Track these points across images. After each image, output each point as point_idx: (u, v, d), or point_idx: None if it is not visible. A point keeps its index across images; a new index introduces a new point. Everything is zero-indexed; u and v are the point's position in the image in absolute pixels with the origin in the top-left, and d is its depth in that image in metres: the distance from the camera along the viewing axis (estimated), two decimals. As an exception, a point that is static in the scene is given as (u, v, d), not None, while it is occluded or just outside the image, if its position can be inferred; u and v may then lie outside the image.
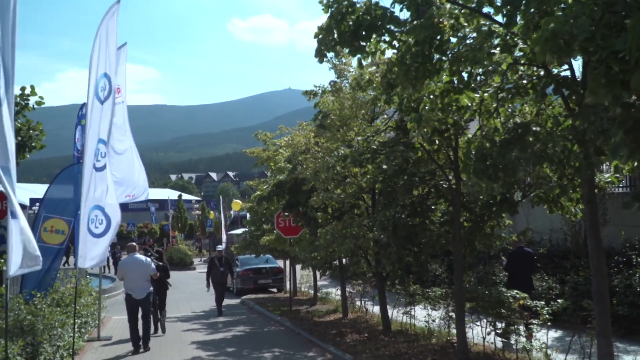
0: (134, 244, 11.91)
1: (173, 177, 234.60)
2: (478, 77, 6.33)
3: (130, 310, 11.16)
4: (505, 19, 5.35)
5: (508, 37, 5.54)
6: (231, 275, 20.03)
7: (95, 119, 9.87)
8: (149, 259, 11.47)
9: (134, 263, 11.23)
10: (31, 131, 10.57)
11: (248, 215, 25.44)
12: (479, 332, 9.48)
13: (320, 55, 6.59)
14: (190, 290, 25.49)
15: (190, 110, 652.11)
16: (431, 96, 6.51)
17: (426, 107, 6.45)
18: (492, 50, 5.53)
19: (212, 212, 53.37)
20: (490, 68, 5.82)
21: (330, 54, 12.16)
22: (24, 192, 31.61)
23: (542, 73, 5.84)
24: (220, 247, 19.64)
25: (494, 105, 6.29)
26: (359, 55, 6.58)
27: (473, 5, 5.85)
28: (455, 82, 6.29)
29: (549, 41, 3.43)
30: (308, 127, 16.13)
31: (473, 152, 5.99)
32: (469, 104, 6.51)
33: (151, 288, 11.41)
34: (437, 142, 8.04)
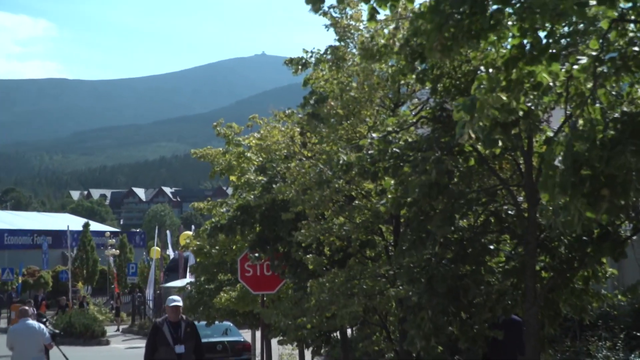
0: (26, 307, 13.62)
1: (75, 194, 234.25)
2: (562, 40, 6.37)
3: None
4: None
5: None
6: (200, 357, 14.18)
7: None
8: (42, 326, 13.10)
9: (25, 331, 12.83)
10: None
11: (193, 257, 25.39)
12: None
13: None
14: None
15: (104, 87, 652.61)
16: (490, 69, 6.53)
17: (482, 87, 6.47)
18: (586, -1, 5.58)
19: (152, 249, 52.88)
20: (581, 27, 5.85)
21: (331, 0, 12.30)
22: None
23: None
24: (175, 301, 14.34)
25: (589, 85, 6.32)
26: (372, 1, 6.62)
27: None
28: (527, 45, 6.34)
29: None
30: (292, 117, 16.19)
31: (558, 159, 5.98)
32: (551, 82, 6.54)
33: None
34: (499, 142, 8.08)
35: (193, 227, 53.70)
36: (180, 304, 13.81)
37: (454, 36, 5.99)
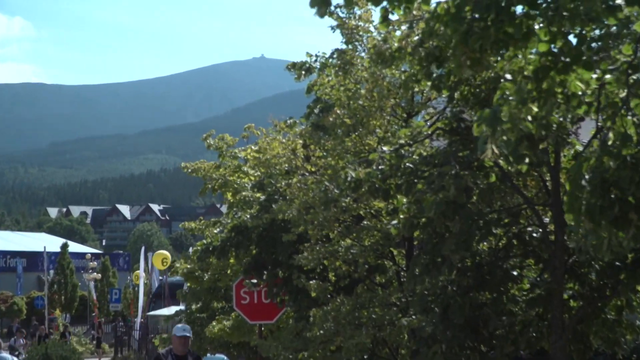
0: None
1: (53, 211, 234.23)
2: (593, 44, 6.38)
3: None
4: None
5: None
6: None
7: None
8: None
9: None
10: None
11: (185, 283, 25.35)
12: None
13: (320, 1, 6.65)
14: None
15: (85, 93, 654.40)
16: (517, 78, 6.54)
17: (506, 97, 6.47)
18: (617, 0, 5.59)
19: (136, 273, 52.97)
20: (613, 29, 5.86)
21: (338, -1, 12.33)
22: None
23: None
24: (184, 331, 13.31)
25: (622, 95, 6.32)
26: (385, 3, 6.64)
27: None
28: (556, 51, 6.32)
29: None
30: (294, 127, 16.23)
31: (586, 177, 6.00)
32: (582, 91, 6.54)
33: None
34: (526, 158, 8.08)
35: (183, 249, 53.64)
36: (190, 334, 13.40)
37: (482, 47, 5.99)
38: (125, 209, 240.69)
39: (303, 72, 13.98)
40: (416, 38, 9.17)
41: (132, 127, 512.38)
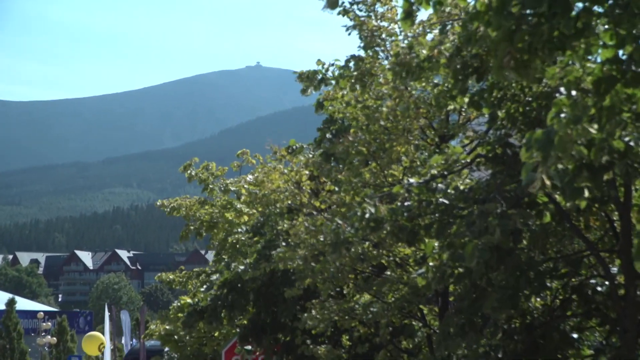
0: None
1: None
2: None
3: None
4: None
5: None
6: None
7: None
8: None
9: None
10: None
11: (164, 349, 25.36)
12: None
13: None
14: None
15: (38, 111, 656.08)
16: (573, 91, 6.56)
17: (562, 116, 6.49)
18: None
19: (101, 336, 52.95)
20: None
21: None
22: None
23: None
24: None
25: None
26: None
27: None
28: (624, 58, 6.34)
29: None
30: (299, 153, 16.22)
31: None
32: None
33: None
34: (586, 192, 8.10)
35: (157, 306, 53.49)
36: None
37: (531, 47, 5.99)
38: (86, 257, 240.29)
39: (313, 83, 13.67)
40: (449, 44, 9.22)
41: (96, 153, 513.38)
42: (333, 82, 13.38)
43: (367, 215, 10.62)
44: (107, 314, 45.81)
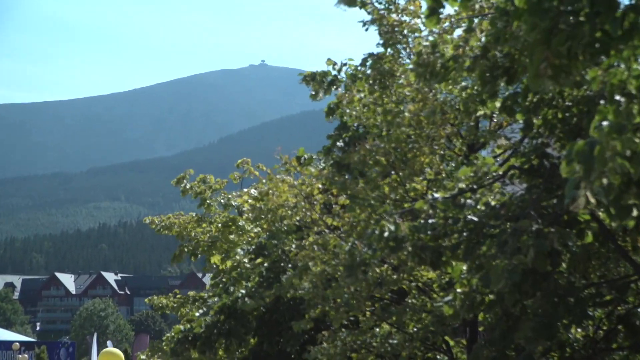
0: None
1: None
2: None
3: None
4: None
5: None
6: None
7: None
8: None
9: None
10: None
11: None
12: None
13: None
14: None
15: (14, 115, 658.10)
16: (617, 96, 6.57)
17: (606, 124, 6.50)
18: None
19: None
20: None
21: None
22: None
23: None
24: None
25: None
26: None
27: None
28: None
29: None
30: (309, 164, 16.24)
31: None
32: None
33: None
34: (634, 210, 8.12)
35: (150, 335, 53.60)
36: None
37: (570, 51, 6.00)
38: (68, 280, 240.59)
39: (324, 85, 13.71)
40: (477, 43, 9.23)
41: (79, 163, 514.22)
42: (344, 83, 13.37)
43: (385, 234, 10.64)
44: (94, 344, 45.77)
